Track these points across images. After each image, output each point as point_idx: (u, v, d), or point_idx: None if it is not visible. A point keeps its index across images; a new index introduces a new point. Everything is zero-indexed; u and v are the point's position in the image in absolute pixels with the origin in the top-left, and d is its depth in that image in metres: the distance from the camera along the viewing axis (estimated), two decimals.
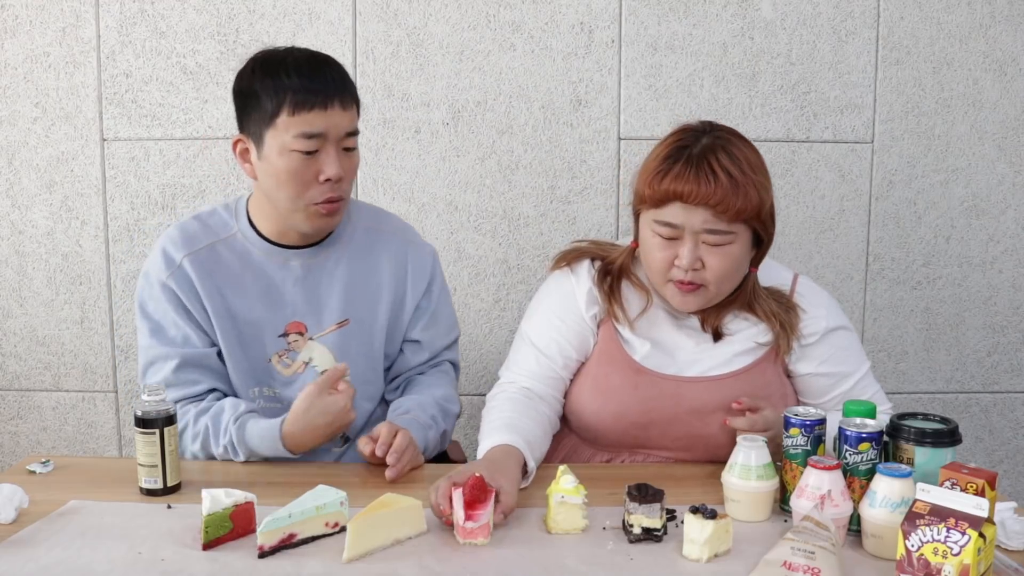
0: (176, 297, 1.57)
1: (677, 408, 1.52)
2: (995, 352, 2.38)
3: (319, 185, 1.50)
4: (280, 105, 1.46)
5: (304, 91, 1.45)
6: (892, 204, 2.31)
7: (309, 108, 1.45)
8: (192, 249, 1.58)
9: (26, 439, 2.39)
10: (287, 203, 1.52)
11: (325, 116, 1.46)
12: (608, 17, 2.22)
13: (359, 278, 1.64)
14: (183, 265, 1.57)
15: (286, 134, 1.46)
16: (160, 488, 1.39)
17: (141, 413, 1.38)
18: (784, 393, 1.57)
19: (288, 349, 1.61)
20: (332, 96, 1.47)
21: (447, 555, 1.20)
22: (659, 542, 1.24)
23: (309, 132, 1.46)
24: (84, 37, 2.23)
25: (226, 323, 1.58)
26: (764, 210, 1.45)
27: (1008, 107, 2.28)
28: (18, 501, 1.30)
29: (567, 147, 2.27)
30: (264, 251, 1.60)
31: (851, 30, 2.24)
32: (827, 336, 1.56)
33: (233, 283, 1.59)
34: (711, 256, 1.44)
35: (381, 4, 2.21)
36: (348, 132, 1.50)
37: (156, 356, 1.57)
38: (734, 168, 1.40)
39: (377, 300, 1.66)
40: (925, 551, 1.05)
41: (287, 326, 1.61)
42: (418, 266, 1.69)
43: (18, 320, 2.34)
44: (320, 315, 1.62)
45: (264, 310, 1.60)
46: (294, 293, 1.61)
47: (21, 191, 2.29)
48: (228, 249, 1.60)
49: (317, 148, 1.48)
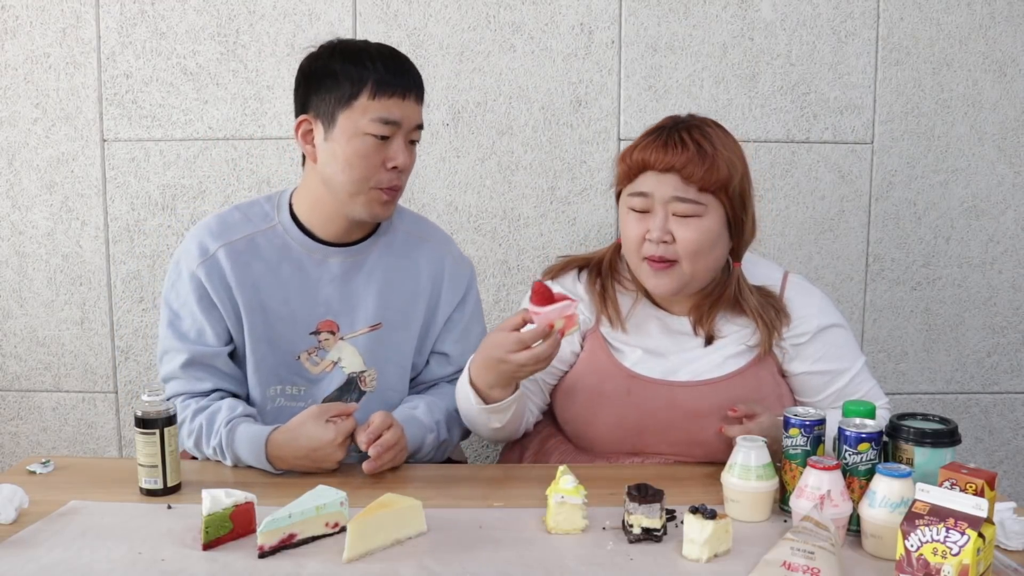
0: (202, 287, 1.56)
1: (671, 413, 1.52)
2: (995, 352, 2.38)
3: (385, 172, 1.52)
4: (361, 88, 1.48)
5: (387, 78, 1.49)
6: (892, 204, 2.31)
7: (390, 95, 1.49)
8: (229, 239, 1.58)
9: (26, 439, 2.39)
10: (349, 186, 1.52)
11: (403, 105, 1.50)
12: (608, 18, 2.22)
13: (396, 283, 1.64)
14: (217, 255, 1.56)
15: (363, 117, 1.49)
16: (160, 488, 1.39)
17: (141, 413, 1.38)
18: (780, 394, 1.57)
19: (318, 347, 1.60)
20: (411, 88, 1.51)
21: (447, 555, 1.20)
22: (659, 542, 1.24)
23: (387, 118, 1.49)
24: (84, 38, 2.23)
25: (256, 317, 1.57)
26: (732, 186, 1.49)
27: (1008, 107, 2.28)
28: (18, 501, 1.30)
29: (567, 148, 2.27)
30: (303, 246, 1.59)
31: (851, 30, 2.24)
32: (819, 334, 1.57)
33: (268, 276, 1.58)
34: (680, 228, 1.47)
35: (381, 4, 2.21)
36: (417, 125, 1.55)
37: (169, 347, 1.59)
38: (704, 141, 1.47)
39: (412, 307, 1.65)
40: (924, 551, 1.05)
41: (319, 324, 1.60)
42: (455, 278, 1.69)
43: (18, 320, 2.34)
44: (353, 316, 1.61)
45: (298, 305, 1.59)
46: (329, 291, 1.60)
47: (21, 192, 2.29)
48: (266, 241, 1.59)
49: (390, 135, 1.51)
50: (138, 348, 2.34)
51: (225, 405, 1.53)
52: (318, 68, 1.53)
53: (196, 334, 1.57)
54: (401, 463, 1.51)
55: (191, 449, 1.55)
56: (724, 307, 1.57)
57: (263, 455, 1.46)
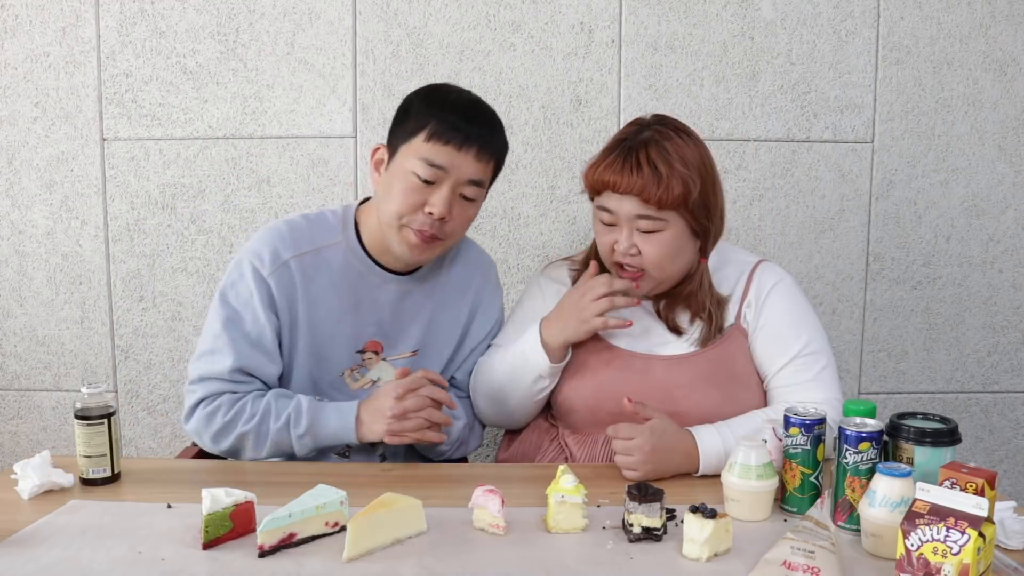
0: (270, 294, 1.55)
1: (647, 385, 1.58)
2: (995, 352, 2.38)
3: (422, 215, 1.51)
4: (422, 127, 1.48)
5: (449, 123, 1.48)
6: (892, 204, 2.31)
7: (445, 141, 1.47)
8: (300, 251, 1.58)
9: (26, 439, 2.39)
10: (388, 217, 1.54)
11: (456, 156, 1.48)
12: (608, 17, 2.22)
13: (442, 312, 1.69)
14: (289, 264, 1.56)
15: (414, 156, 1.49)
16: (108, 476, 1.44)
17: (82, 406, 1.45)
18: (750, 370, 1.63)
19: (361, 365, 1.63)
20: (471, 141, 1.48)
21: (447, 555, 1.20)
22: (659, 541, 1.24)
23: (433, 161, 1.48)
24: (84, 37, 2.23)
25: (311, 330, 1.59)
26: (691, 201, 1.53)
27: (1008, 107, 2.28)
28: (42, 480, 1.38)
29: (567, 147, 2.27)
30: (366, 267, 1.61)
31: (851, 30, 2.24)
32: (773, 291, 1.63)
33: (329, 292, 1.59)
34: (645, 243, 1.55)
35: (381, 4, 2.21)
36: (471, 180, 1.51)
37: (222, 347, 1.54)
38: (660, 160, 1.51)
39: (448, 335, 1.70)
40: (925, 550, 1.05)
41: (367, 344, 1.63)
42: (487, 307, 1.74)
43: (18, 320, 2.34)
44: (398, 339, 1.65)
45: (350, 324, 1.61)
46: (382, 314, 1.63)
47: (21, 191, 2.29)
48: (331, 257, 1.60)
49: (434, 180, 1.49)
50: (138, 347, 2.34)
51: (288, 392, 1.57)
52: (405, 103, 1.55)
53: (257, 336, 1.55)
54: (427, 439, 1.54)
55: (246, 432, 1.52)
56: (684, 302, 1.63)
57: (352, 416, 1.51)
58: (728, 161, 2.27)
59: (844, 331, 2.34)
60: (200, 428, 1.54)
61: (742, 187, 2.28)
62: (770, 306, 1.62)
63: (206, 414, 1.53)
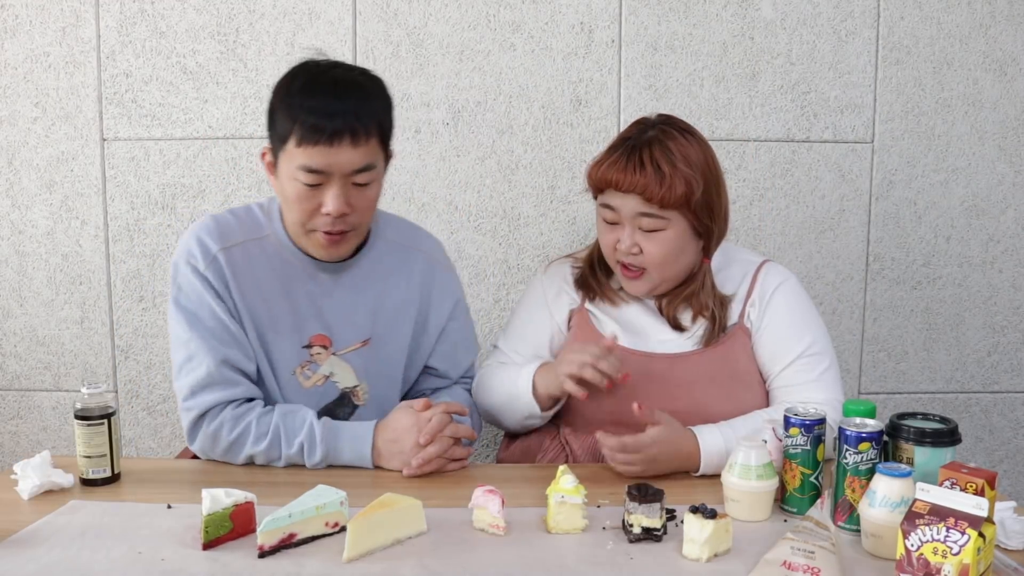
0: (213, 286, 1.51)
1: (647, 382, 1.58)
2: (995, 352, 2.38)
3: (321, 216, 1.46)
4: (290, 132, 1.41)
5: (313, 125, 1.39)
6: (892, 204, 2.31)
7: (314, 143, 1.39)
8: (227, 244, 1.53)
9: (26, 439, 2.39)
10: (295, 226, 1.51)
11: (330, 153, 1.40)
12: (608, 17, 2.22)
13: (386, 297, 1.62)
14: (218, 258, 1.52)
15: (292, 162, 1.42)
16: (108, 476, 1.44)
17: (82, 406, 1.44)
18: (752, 370, 1.62)
19: (310, 361, 1.58)
20: (341, 132, 1.39)
21: (447, 555, 1.20)
22: (659, 542, 1.24)
23: (311, 166, 1.41)
24: (84, 37, 2.23)
25: (255, 328, 1.54)
26: (694, 201, 1.53)
27: (1008, 107, 2.28)
28: (42, 479, 1.37)
29: (567, 147, 2.27)
30: (296, 259, 1.56)
31: (851, 30, 2.24)
32: (778, 291, 1.62)
33: (262, 286, 1.54)
34: (647, 241, 1.55)
35: (381, 4, 2.21)
36: (358, 168, 1.43)
37: (196, 350, 1.50)
38: (663, 160, 1.51)
39: (401, 320, 1.64)
40: (925, 551, 1.05)
41: (312, 338, 1.58)
42: (442, 288, 1.68)
43: (18, 320, 2.34)
44: (345, 331, 1.59)
45: (291, 317, 1.56)
46: (321, 306, 1.58)
47: (21, 191, 2.29)
48: (261, 250, 1.55)
49: (320, 182, 1.43)
50: (138, 347, 2.34)
51: (297, 405, 1.53)
52: (270, 104, 1.47)
53: (221, 328, 1.51)
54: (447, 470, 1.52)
55: (256, 455, 1.50)
56: (686, 301, 1.63)
57: (368, 446, 1.49)
58: (728, 161, 2.27)
59: (844, 331, 2.34)
60: (207, 449, 1.52)
61: (742, 187, 2.28)
62: (774, 306, 1.62)
63: (210, 434, 1.49)
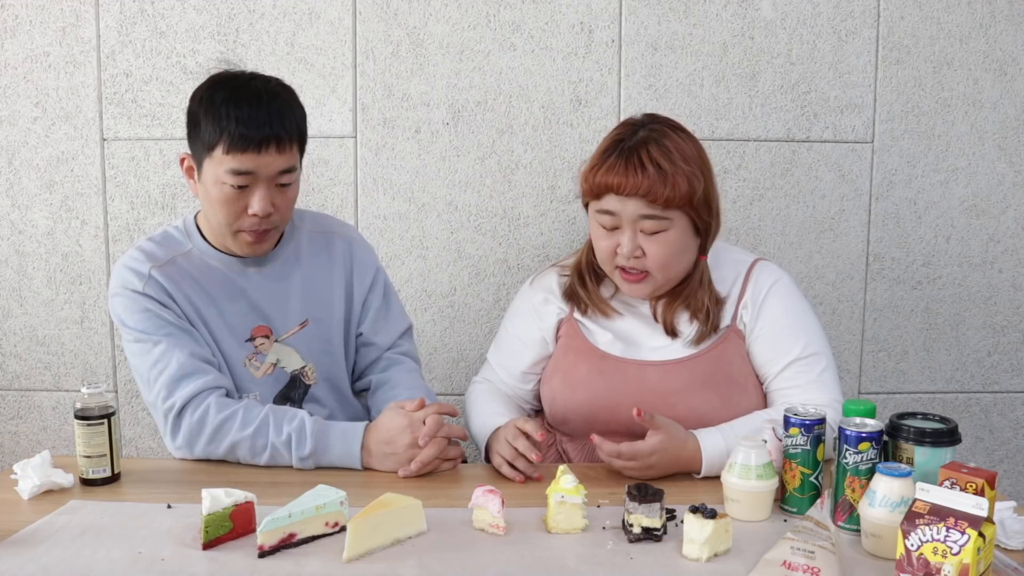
0: (156, 302, 1.58)
1: (641, 391, 1.57)
2: (995, 352, 2.38)
3: (248, 217, 1.55)
4: (217, 140, 1.50)
5: (240, 133, 1.49)
6: (892, 204, 2.31)
7: (243, 150, 1.49)
8: (156, 263, 1.61)
9: (26, 439, 2.39)
10: (220, 227, 1.59)
11: (258, 158, 1.50)
12: (608, 17, 2.22)
13: (313, 279, 1.72)
14: (153, 275, 1.59)
15: (220, 167, 1.51)
16: (109, 476, 1.44)
17: (82, 406, 1.44)
18: (747, 372, 1.61)
19: (256, 352, 1.66)
20: (268, 140, 1.50)
21: (447, 555, 1.20)
22: (659, 542, 1.24)
23: (239, 170, 1.51)
24: (84, 37, 2.23)
25: (205, 329, 1.62)
26: (696, 198, 1.52)
27: (1008, 107, 2.28)
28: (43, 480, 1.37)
29: (567, 147, 2.27)
30: (221, 262, 1.65)
31: (851, 30, 2.24)
32: (772, 290, 1.61)
33: (199, 292, 1.62)
34: (650, 244, 1.53)
35: (381, 4, 2.21)
36: (282, 170, 1.54)
37: (160, 353, 1.55)
38: (663, 159, 1.49)
39: (331, 299, 1.73)
40: (925, 550, 1.05)
41: (253, 330, 1.66)
42: (361, 262, 1.77)
43: (18, 320, 2.34)
44: (282, 318, 1.68)
45: (231, 316, 1.64)
46: (256, 298, 1.66)
47: (21, 191, 2.29)
48: (188, 263, 1.64)
49: (248, 184, 1.53)
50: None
51: (286, 407, 1.59)
52: (191, 112, 1.56)
53: (178, 331, 1.57)
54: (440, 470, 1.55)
55: (238, 442, 1.51)
56: (684, 301, 1.61)
57: (357, 444, 1.51)
58: (728, 161, 2.27)
59: (844, 331, 2.34)
60: (191, 439, 1.53)
61: (742, 187, 2.28)
62: (768, 308, 1.60)
63: (195, 421, 1.52)
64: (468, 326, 2.33)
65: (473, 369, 2.34)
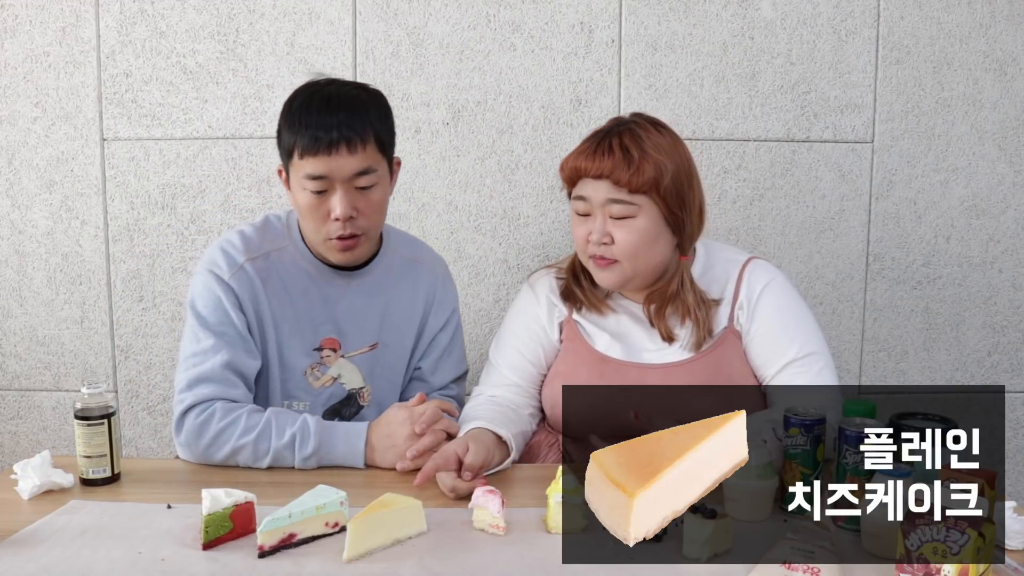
0: (235, 297, 1.59)
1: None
2: (995, 352, 2.38)
3: (332, 222, 1.56)
4: (294, 146, 1.53)
5: (311, 136, 1.51)
6: (892, 204, 2.31)
7: (314, 153, 1.51)
8: (253, 255, 1.63)
9: (26, 439, 2.39)
10: (311, 233, 1.61)
11: (328, 161, 1.51)
12: (608, 17, 2.22)
13: (394, 305, 1.72)
14: (245, 267, 1.61)
15: (299, 173, 1.54)
16: (109, 476, 1.44)
17: (82, 406, 1.44)
18: (746, 372, 1.61)
19: (320, 363, 1.67)
20: (338, 142, 1.51)
21: (447, 555, 1.20)
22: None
23: (314, 174, 1.52)
24: (84, 37, 2.23)
25: (274, 331, 1.63)
26: (663, 186, 1.53)
27: (1008, 107, 2.28)
28: (43, 479, 1.37)
29: (567, 147, 2.25)
30: (313, 267, 1.66)
31: (851, 30, 2.24)
32: (766, 290, 1.61)
33: (281, 293, 1.63)
34: (618, 229, 1.55)
35: (381, 4, 2.21)
36: (358, 172, 1.54)
37: (204, 348, 1.56)
38: (632, 145, 1.53)
39: (406, 328, 1.74)
40: (925, 550, 1.05)
41: (323, 341, 1.67)
42: (441, 301, 1.78)
43: (18, 320, 2.34)
44: (354, 335, 1.69)
45: (306, 322, 1.65)
46: (335, 310, 1.67)
47: (21, 191, 2.29)
48: (281, 260, 1.65)
49: (325, 188, 1.54)
50: (138, 347, 2.34)
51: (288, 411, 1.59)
52: (278, 124, 1.58)
53: (234, 334, 1.58)
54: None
55: (239, 447, 1.51)
56: (671, 304, 1.61)
57: (361, 441, 1.52)
58: (728, 161, 2.27)
59: (844, 331, 2.34)
60: (191, 440, 1.53)
61: (742, 187, 2.28)
62: (763, 308, 1.60)
63: (199, 423, 1.52)
64: (468, 326, 2.32)
65: (474, 368, 2.34)
